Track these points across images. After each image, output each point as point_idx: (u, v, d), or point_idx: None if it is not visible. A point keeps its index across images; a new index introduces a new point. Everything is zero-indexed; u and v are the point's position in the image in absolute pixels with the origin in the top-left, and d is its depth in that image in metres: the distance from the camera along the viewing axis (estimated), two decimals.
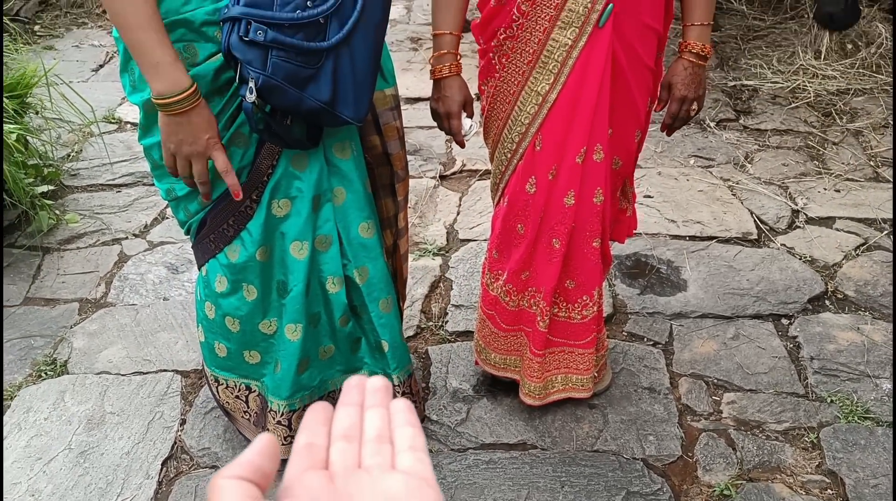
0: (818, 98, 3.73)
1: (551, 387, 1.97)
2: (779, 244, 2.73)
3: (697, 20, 1.64)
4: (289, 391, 1.72)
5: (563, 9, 1.54)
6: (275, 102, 1.35)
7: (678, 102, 1.69)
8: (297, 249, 1.58)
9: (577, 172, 1.68)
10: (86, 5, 5.15)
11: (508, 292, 1.87)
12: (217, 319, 1.71)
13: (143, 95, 1.44)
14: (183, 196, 1.56)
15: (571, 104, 1.62)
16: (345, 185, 1.59)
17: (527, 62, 1.62)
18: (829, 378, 2.15)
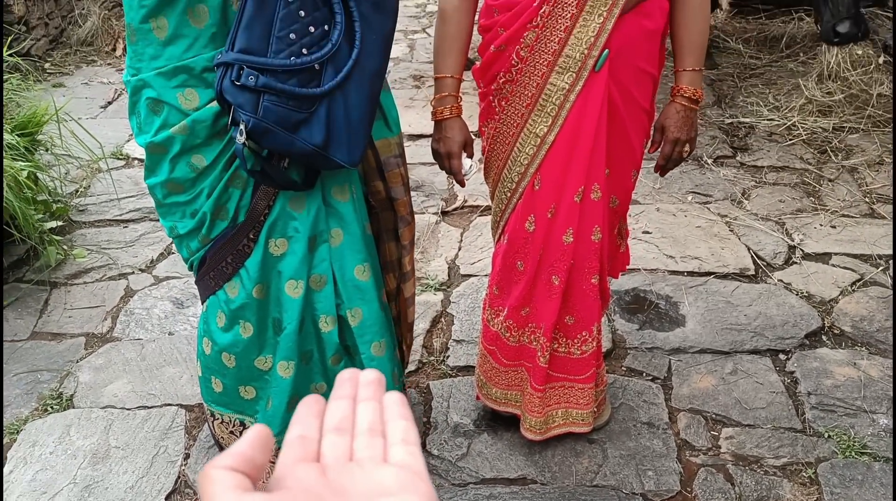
0: (813, 135, 3.80)
1: (552, 422, 2.00)
2: (776, 280, 2.76)
3: (689, 66, 1.71)
4: (279, 427, 1.72)
5: (561, 55, 1.60)
6: (267, 144, 1.39)
7: (671, 144, 1.75)
8: (293, 287, 1.60)
9: (575, 211, 1.72)
10: (95, 43, 5.26)
11: (509, 327, 1.90)
12: (213, 355, 1.74)
13: (147, 138, 1.48)
14: (185, 234, 1.59)
15: (569, 145, 1.67)
16: (342, 227, 1.62)
17: (525, 105, 1.67)
18: (827, 414, 2.17)
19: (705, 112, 4.11)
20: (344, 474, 0.43)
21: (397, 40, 5.36)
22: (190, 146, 1.46)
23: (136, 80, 1.44)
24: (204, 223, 1.54)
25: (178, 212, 1.56)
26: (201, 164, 1.48)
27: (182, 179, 1.50)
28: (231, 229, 1.55)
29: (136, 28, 1.40)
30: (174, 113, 1.43)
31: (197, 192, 1.51)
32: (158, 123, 1.46)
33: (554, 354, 1.91)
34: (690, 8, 1.67)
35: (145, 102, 1.45)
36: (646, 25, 1.63)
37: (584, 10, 1.56)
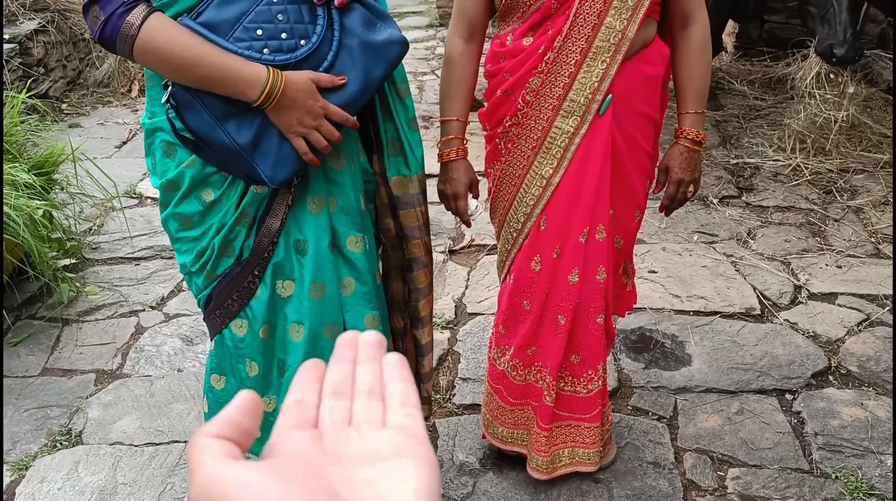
0: (819, 176, 3.83)
1: (558, 461, 2.00)
2: (782, 320, 2.77)
3: (692, 108, 1.75)
4: None
5: (566, 99, 1.65)
6: (188, 119, 1.37)
7: (675, 185, 1.78)
8: (295, 330, 1.60)
9: (580, 251, 1.76)
10: (111, 85, 5.38)
11: (515, 366, 1.92)
12: (228, 387, 1.75)
13: (159, 179, 1.52)
14: (194, 271, 1.61)
15: (574, 187, 1.71)
16: (355, 277, 1.61)
17: (531, 147, 1.72)
18: (834, 454, 2.16)
19: (711, 153, 4.16)
20: (340, 439, 0.42)
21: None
22: (199, 180, 1.48)
23: (151, 123, 1.49)
24: (211, 258, 1.56)
25: (188, 247, 1.58)
26: (209, 198, 1.50)
27: (192, 212, 1.53)
28: (236, 265, 1.56)
29: (153, 75, 1.46)
30: (186, 153, 1.47)
31: (206, 227, 1.53)
32: (173, 165, 1.49)
33: (560, 393, 1.92)
34: (691, 54, 1.72)
35: (160, 145, 1.50)
36: (646, 71, 1.68)
37: (588, 56, 1.61)
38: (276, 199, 1.51)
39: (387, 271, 1.76)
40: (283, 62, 1.36)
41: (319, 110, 1.37)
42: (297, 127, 1.38)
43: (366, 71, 1.40)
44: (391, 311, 1.78)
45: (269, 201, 1.52)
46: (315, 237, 1.55)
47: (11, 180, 2.68)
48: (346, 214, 1.58)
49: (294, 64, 1.37)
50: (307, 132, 1.39)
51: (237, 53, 1.33)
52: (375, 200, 1.67)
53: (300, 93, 1.35)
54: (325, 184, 1.54)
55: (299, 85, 1.35)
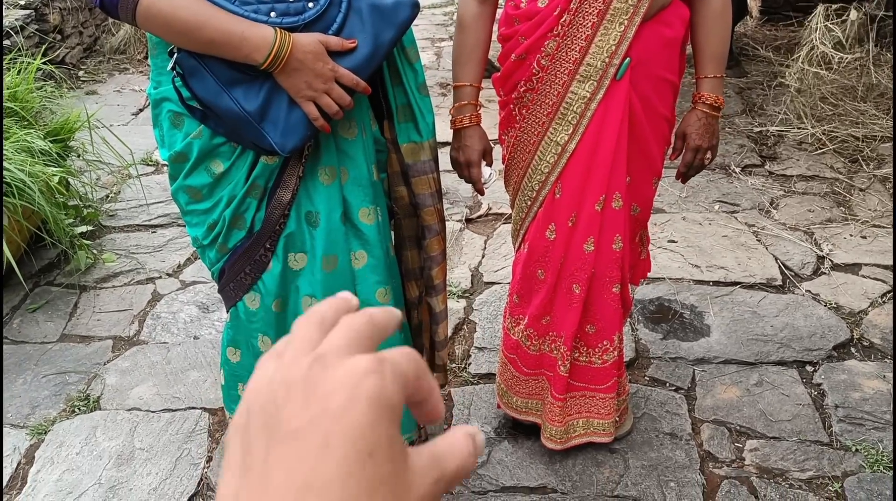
0: (845, 144, 3.74)
1: (573, 431, 1.99)
2: (804, 291, 2.72)
3: (710, 73, 1.70)
4: None
5: (582, 63, 1.59)
6: (194, 86, 1.34)
7: (692, 152, 1.74)
8: (307, 304, 1.59)
9: (596, 220, 1.72)
10: (128, 52, 5.36)
11: (530, 336, 1.90)
12: (243, 361, 1.75)
13: (167, 151, 1.50)
14: (206, 245, 1.59)
15: (590, 154, 1.66)
16: (367, 249, 1.59)
17: (546, 114, 1.67)
18: (854, 427, 2.13)
19: (733, 120, 4.08)
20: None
21: (424, 48, 5.38)
22: (207, 151, 1.46)
23: (157, 93, 1.46)
24: (222, 231, 1.54)
25: (198, 220, 1.56)
26: (218, 169, 1.48)
27: (201, 185, 1.50)
28: (247, 238, 1.54)
29: (157, 42, 1.42)
30: (194, 124, 1.44)
31: (216, 200, 1.51)
32: (181, 136, 1.47)
33: (575, 363, 1.90)
34: (711, 16, 1.66)
35: (167, 115, 1.47)
36: (665, 34, 1.62)
37: (605, 18, 1.56)
38: (286, 170, 1.48)
39: (400, 239, 1.73)
40: (290, 25, 1.32)
41: (329, 73, 1.33)
42: (307, 91, 1.34)
43: (375, 34, 1.36)
44: (406, 280, 1.76)
45: (280, 172, 1.49)
46: (327, 209, 1.53)
47: (27, 147, 2.67)
48: (358, 185, 1.55)
49: (302, 27, 1.33)
50: (317, 96, 1.35)
51: (243, 16, 1.29)
52: (387, 168, 1.64)
53: (308, 55, 1.31)
54: (336, 154, 1.51)
55: (307, 47, 1.31)
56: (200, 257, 1.70)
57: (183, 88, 1.38)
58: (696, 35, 1.69)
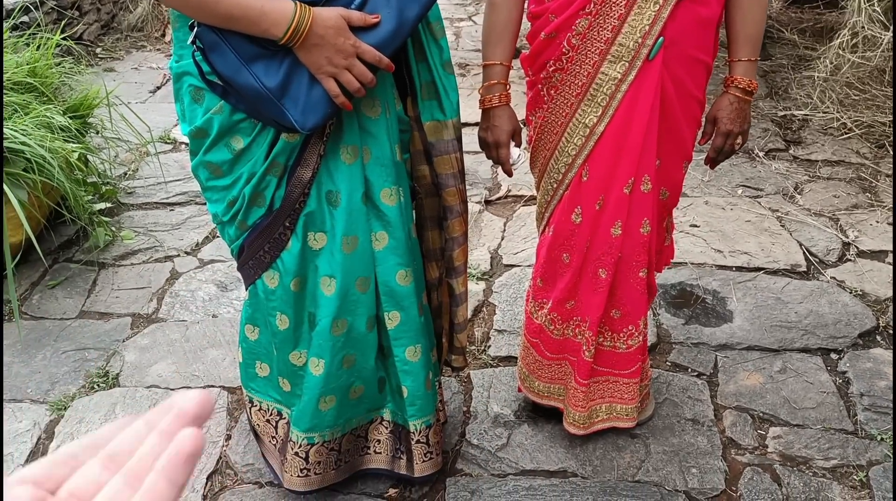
0: (871, 129, 3.67)
1: (595, 417, 1.97)
2: (828, 277, 2.68)
3: (745, 56, 1.65)
4: (308, 424, 1.70)
5: (614, 43, 1.55)
6: (214, 61, 1.31)
7: (723, 136, 1.70)
8: (326, 284, 1.57)
9: (624, 203, 1.69)
10: (145, 29, 5.34)
11: (553, 320, 1.88)
12: (261, 339, 1.74)
13: (188, 126, 1.48)
14: (226, 221, 1.58)
15: (620, 136, 1.63)
16: (388, 230, 1.57)
17: (575, 95, 1.63)
18: (880, 416, 2.10)
19: (757, 104, 4.01)
20: None
21: None
22: (228, 127, 1.44)
23: (178, 67, 1.44)
24: (241, 208, 1.53)
25: (218, 196, 1.55)
26: (239, 145, 1.46)
27: (221, 161, 1.49)
28: (267, 216, 1.53)
29: (178, 15, 1.40)
30: (214, 99, 1.42)
31: (236, 176, 1.50)
32: (201, 111, 1.45)
33: (599, 348, 1.88)
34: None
35: (188, 90, 1.45)
36: (701, 13, 1.57)
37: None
38: (307, 148, 1.46)
39: (422, 220, 1.71)
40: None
41: (351, 49, 1.30)
42: (327, 67, 1.31)
43: (400, 10, 1.32)
44: (426, 261, 1.74)
45: (301, 150, 1.47)
46: (348, 188, 1.50)
47: (47, 123, 2.66)
48: (380, 165, 1.52)
49: (323, 2, 1.30)
50: (338, 73, 1.31)
51: None
52: (409, 147, 1.61)
53: (329, 30, 1.28)
54: (359, 133, 1.49)
55: (328, 21, 1.28)
56: (220, 234, 1.69)
57: (203, 63, 1.35)
58: (731, 16, 1.64)
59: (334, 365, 1.64)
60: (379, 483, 1.91)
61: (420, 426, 1.78)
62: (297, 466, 1.75)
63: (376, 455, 1.86)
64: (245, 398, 1.91)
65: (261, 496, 1.91)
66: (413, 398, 1.73)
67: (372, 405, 1.79)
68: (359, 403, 1.75)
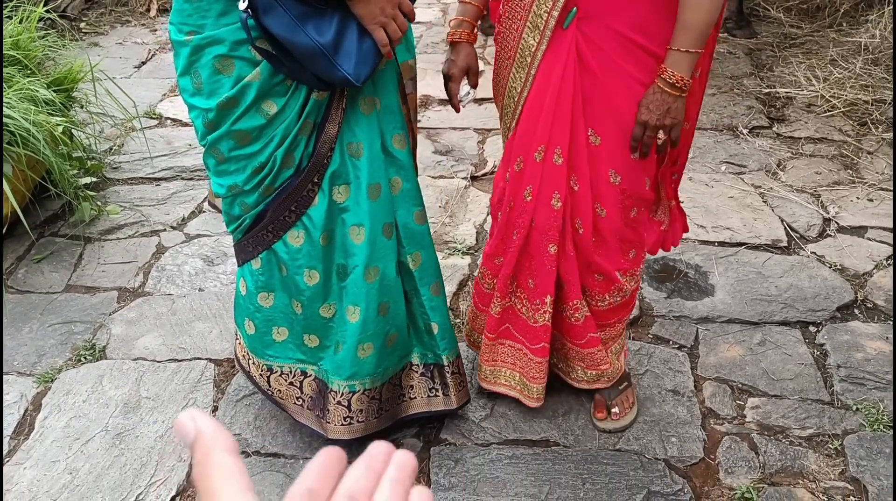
0: (853, 107, 3.70)
1: (500, 377, 2.03)
2: (809, 252, 2.72)
3: (676, 45, 1.50)
4: (348, 372, 1.75)
5: (531, 11, 1.59)
6: (268, 24, 1.33)
7: (640, 127, 1.59)
8: (356, 233, 1.63)
9: (536, 170, 1.72)
10: (130, 4, 5.28)
11: (483, 274, 1.99)
12: (277, 303, 1.75)
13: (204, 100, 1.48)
14: (248, 190, 1.58)
15: (535, 102, 1.67)
16: (402, 175, 1.66)
17: (507, 58, 1.70)
18: (856, 386, 2.15)
19: (742, 82, 4.03)
20: None
21: (430, 4, 5.31)
22: (264, 92, 1.46)
23: (200, 38, 1.42)
24: (272, 172, 1.55)
25: (240, 166, 1.55)
26: (272, 110, 1.48)
27: (252, 127, 1.49)
28: (296, 176, 1.56)
29: None
30: (246, 66, 1.43)
31: (266, 141, 1.51)
32: (230, 82, 1.44)
33: (510, 307, 1.93)
34: None
35: (211, 61, 1.43)
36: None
37: None
38: (332, 104, 1.52)
39: None
40: None
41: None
42: (380, 17, 1.40)
43: None
44: None
45: (327, 107, 1.52)
46: (368, 138, 1.57)
47: (31, 96, 2.65)
48: (389, 113, 1.61)
49: None
50: (387, 22, 1.41)
51: None
52: None
53: None
54: (371, 85, 1.56)
55: None
56: (227, 208, 1.67)
57: (253, 30, 1.36)
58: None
59: (370, 312, 1.70)
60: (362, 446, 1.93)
61: (452, 357, 1.89)
62: (340, 415, 1.80)
63: (412, 401, 1.92)
64: (261, 368, 1.88)
65: (247, 465, 1.93)
66: (443, 332, 1.84)
67: (403, 352, 1.85)
68: (393, 350, 1.81)
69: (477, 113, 3.77)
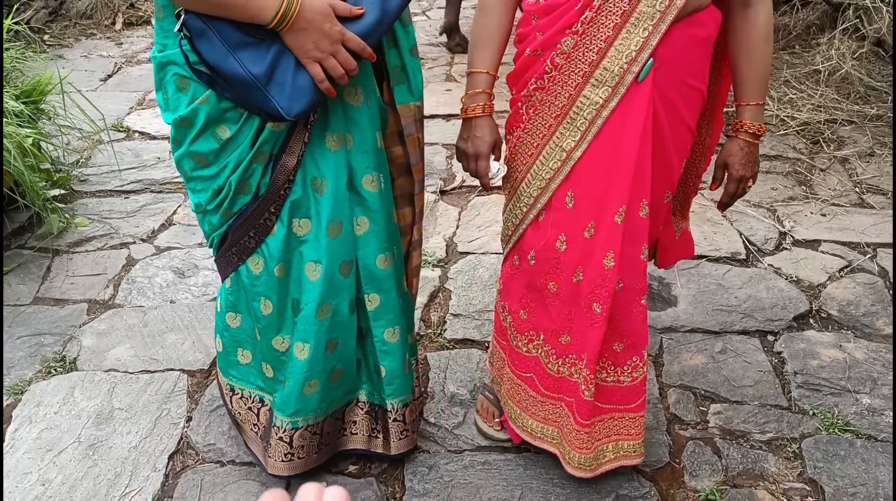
0: (807, 126, 3.86)
1: (602, 457, 1.85)
2: (766, 265, 2.83)
3: (753, 100, 1.61)
4: (293, 407, 1.74)
5: (599, 66, 1.49)
6: (201, 49, 1.34)
7: (736, 182, 1.67)
8: (312, 270, 1.61)
9: (616, 233, 1.59)
10: (94, 17, 5.26)
11: (549, 354, 1.78)
12: (244, 325, 1.76)
13: (171, 115, 1.50)
14: (210, 210, 1.60)
15: (608, 161, 1.56)
16: (369, 216, 1.61)
17: (554, 116, 1.57)
18: (812, 392, 2.24)
19: None
20: None
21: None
22: (215, 117, 1.46)
23: (162, 56, 1.45)
24: (228, 196, 1.55)
25: (203, 186, 1.57)
26: (225, 135, 1.48)
27: (207, 151, 1.50)
28: (253, 203, 1.56)
29: (164, 5, 1.42)
30: (200, 88, 1.44)
31: (222, 166, 1.52)
32: (186, 100, 1.47)
33: (601, 384, 1.76)
34: (756, 38, 1.57)
35: (172, 79, 1.46)
36: (695, 34, 1.51)
37: (630, 21, 1.45)
38: (292, 136, 1.49)
39: (395, 199, 1.75)
40: None
41: (337, 34, 1.34)
42: (314, 51, 1.34)
43: (383, 1, 1.37)
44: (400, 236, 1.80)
45: (286, 138, 1.50)
46: (334, 175, 1.54)
47: None
48: (362, 152, 1.56)
49: None
50: (324, 58, 1.35)
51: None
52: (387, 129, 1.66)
53: (317, 15, 1.32)
54: (343, 121, 1.53)
55: (316, 7, 1.32)
56: (200, 223, 1.69)
57: (190, 52, 1.38)
58: (736, 58, 1.60)
59: (319, 349, 1.68)
60: (339, 461, 1.96)
61: (397, 404, 1.85)
62: (281, 451, 1.79)
63: (353, 436, 1.91)
64: (225, 387, 1.91)
65: (222, 474, 1.94)
66: (391, 377, 1.79)
67: (350, 387, 1.84)
68: (339, 385, 1.80)
69: (444, 129, 3.84)
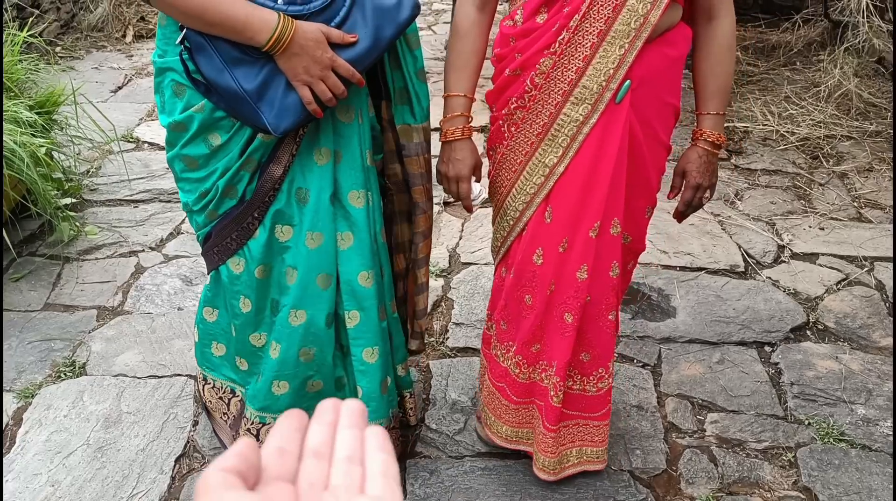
0: (806, 141, 3.91)
1: (566, 462, 1.93)
2: (764, 277, 2.87)
3: (713, 110, 1.65)
4: (261, 403, 1.78)
5: (577, 85, 1.52)
6: (199, 61, 1.40)
7: (693, 190, 1.69)
8: (290, 275, 1.65)
9: (591, 247, 1.64)
10: (105, 29, 5.34)
11: (519, 364, 1.83)
12: (220, 321, 1.83)
13: (167, 118, 1.56)
14: (196, 210, 1.66)
15: (585, 179, 1.59)
16: (353, 231, 1.64)
17: (536, 134, 1.60)
18: (808, 403, 2.27)
19: None
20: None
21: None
22: (208, 124, 1.52)
23: (162, 62, 1.52)
24: (214, 199, 1.60)
25: (191, 187, 1.63)
26: (216, 141, 1.54)
27: (198, 155, 1.56)
28: (238, 207, 1.61)
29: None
30: (196, 96, 1.50)
31: (211, 170, 1.57)
32: (181, 106, 1.53)
33: (568, 392, 1.82)
34: (717, 50, 1.61)
35: (169, 84, 1.53)
36: (668, 53, 1.55)
37: (606, 40, 1.49)
38: (281, 147, 1.54)
39: (393, 214, 1.80)
40: (295, 13, 1.38)
41: (327, 61, 1.39)
42: (304, 75, 1.40)
43: (376, 29, 1.42)
44: (395, 252, 1.84)
45: (275, 148, 1.55)
46: (317, 187, 1.58)
47: (14, 117, 2.70)
48: (350, 168, 1.60)
49: (306, 16, 1.40)
50: (313, 82, 1.41)
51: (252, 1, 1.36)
52: (383, 146, 1.71)
53: (309, 41, 1.37)
54: (332, 137, 1.57)
55: (309, 34, 1.37)
56: (189, 221, 1.76)
57: (189, 62, 1.44)
58: (699, 69, 1.64)
59: (290, 353, 1.71)
60: None
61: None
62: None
63: None
64: (199, 375, 2.01)
65: None
66: (367, 398, 1.79)
67: None
68: (317, 397, 1.81)
69: None
